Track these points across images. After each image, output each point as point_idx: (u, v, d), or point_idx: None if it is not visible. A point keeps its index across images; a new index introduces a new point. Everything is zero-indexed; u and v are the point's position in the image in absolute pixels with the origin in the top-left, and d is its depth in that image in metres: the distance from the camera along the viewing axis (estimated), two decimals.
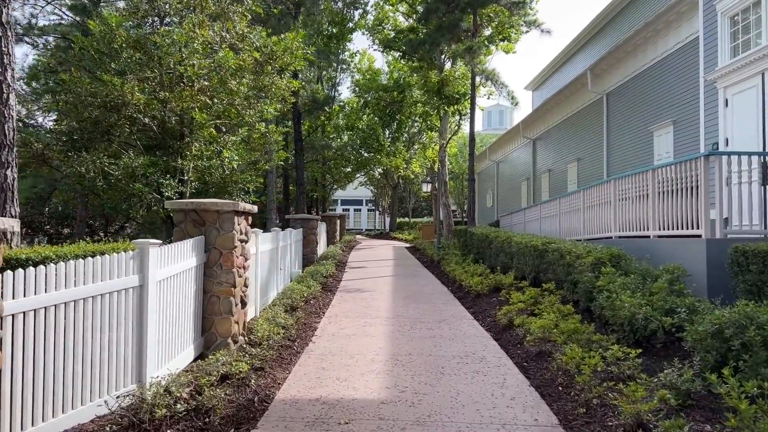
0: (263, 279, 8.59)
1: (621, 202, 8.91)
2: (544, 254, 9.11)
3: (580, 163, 19.51)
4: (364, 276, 13.67)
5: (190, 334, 5.33)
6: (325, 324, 7.83)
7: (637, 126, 15.38)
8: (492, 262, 12.55)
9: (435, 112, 19.52)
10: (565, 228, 11.73)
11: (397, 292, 10.92)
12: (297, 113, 17.40)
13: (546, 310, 6.94)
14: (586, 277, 7.16)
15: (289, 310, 8.29)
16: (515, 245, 10.51)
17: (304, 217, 13.90)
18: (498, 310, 8.49)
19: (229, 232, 5.67)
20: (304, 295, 9.30)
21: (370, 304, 9.57)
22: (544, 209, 13.41)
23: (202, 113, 7.19)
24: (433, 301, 9.87)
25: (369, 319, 8.22)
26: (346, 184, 32.42)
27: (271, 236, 9.26)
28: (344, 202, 61.49)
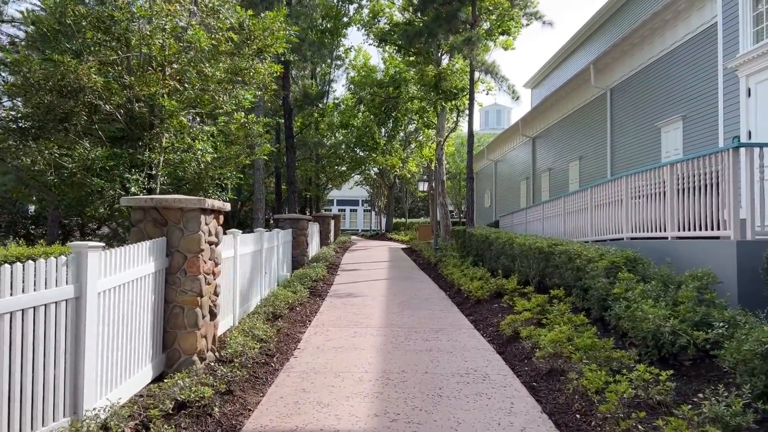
0: (244, 285, 7.84)
1: (634, 201, 8.20)
2: (550, 257, 8.40)
3: (581, 161, 18.83)
4: (356, 279, 12.93)
5: (147, 351, 4.58)
6: (310, 335, 7.08)
7: (643, 122, 14.70)
8: (492, 265, 11.83)
9: (432, 108, 18.79)
10: (570, 229, 11.02)
11: (392, 298, 10.19)
12: (288, 108, 16.66)
13: (556, 320, 6.22)
14: (600, 283, 6.44)
15: (271, 319, 7.54)
16: (518, 247, 9.80)
17: (294, 217, 13.16)
18: (501, 318, 7.78)
19: (195, 233, 4.92)
20: (290, 301, 8.56)
21: (362, 310, 8.83)
22: (548, 209, 12.70)
23: (171, 100, 6.44)
24: (430, 308, 9.14)
25: (359, 328, 7.48)
26: (341, 183, 31.66)
27: (253, 237, 8.51)
28: (340, 202, 60.73)
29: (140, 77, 6.16)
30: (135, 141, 6.80)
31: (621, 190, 8.59)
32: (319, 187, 28.52)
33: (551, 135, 21.94)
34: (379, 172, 37.66)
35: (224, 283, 6.75)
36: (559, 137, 21.08)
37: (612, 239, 8.95)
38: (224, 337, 6.18)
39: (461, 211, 43.67)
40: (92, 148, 6.06)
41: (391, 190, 39.56)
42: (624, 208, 8.46)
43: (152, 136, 6.72)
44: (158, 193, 6.77)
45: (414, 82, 18.56)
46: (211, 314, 5.26)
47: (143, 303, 4.51)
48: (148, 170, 6.69)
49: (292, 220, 13.18)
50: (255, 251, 8.63)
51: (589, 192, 9.89)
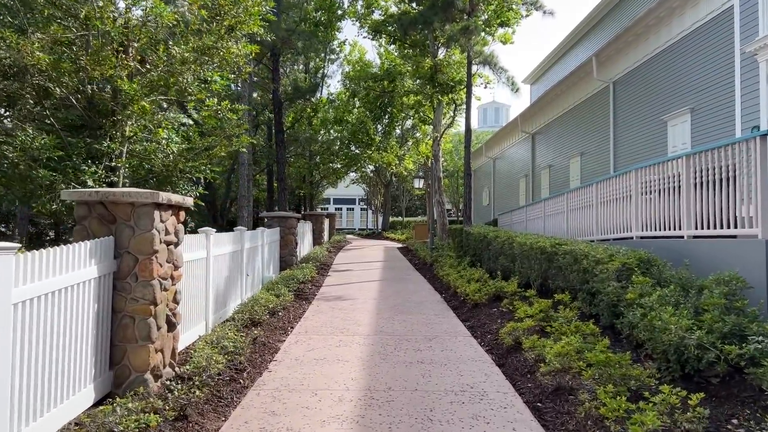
0: (219, 288, 7.18)
1: (644, 197, 7.56)
2: (553, 258, 7.76)
3: (583, 157, 18.19)
4: (348, 281, 12.27)
5: (88, 370, 3.92)
6: (290, 344, 6.42)
7: (649, 116, 14.06)
8: (491, 266, 11.18)
9: (428, 102, 18.11)
10: (573, 227, 10.37)
11: (383, 301, 9.53)
12: (277, 102, 15.97)
13: (562, 329, 5.57)
14: (610, 287, 5.80)
15: (249, 326, 6.88)
16: (518, 247, 9.15)
17: (281, 215, 12.49)
18: (500, 324, 7.13)
19: (148, 232, 4.26)
20: (271, 306, 7.89)
21: (350, 315, 8.18)
22: (549, 206, 12.05)
23: (132, 83, 5.77)
24: (424, 312, 8.49)
25: (345, 336, 6.83)
26: (335, 181, 30.96)
27: (231, 237, 7.85)
28: (336, 201, 60.07)
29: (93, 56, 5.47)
30: (96, 130, 6.13)
31: (630, 185, 7.95)
32: (313, 185, 27.80)
33: (551, 131, 21.30)
34: (376, 170, 36.99)
35: (194, 288, 6.09)
36: (559, 133, 20.44)
37: (620, 238, 8.31)
38: (192, 348, 5.52)
39: (459, 210, 43.04)
40: (36, 136, 5.37)
41: (387, 188, 38.89)
42: (633, 205, 7.81)
43: (112, 123, 6.05)
44: (121, 187, 6.09)
45: (409, 75, 17.86)
46: (169, 325, 4.59)
47: (82, 314, 3.85)
48: (108, 162, 6.01)
49: (280, 219, 12.51)
50: (233, 252, 7.97)
51: (595, 188, 9.24)
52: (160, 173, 6.53)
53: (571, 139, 19.29)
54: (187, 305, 5.81)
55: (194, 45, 5.94)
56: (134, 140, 6.34)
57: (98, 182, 5.98)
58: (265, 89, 18.67)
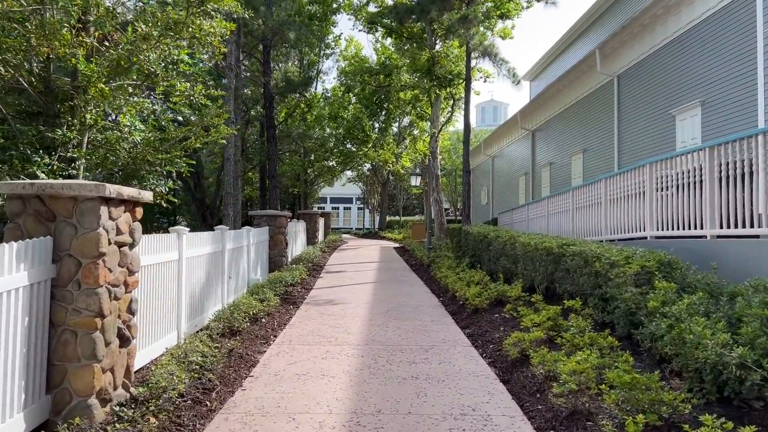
0: (195, 294, 6.54)
1: (660, 193, 6.93)
2: (560, 259, 7.14)
3: (585, 154, 17.58)
4: (340, 283, 11.64)
5: (16, 396, 3.28)
6: (270, 356, 5.78)
7: (655, 110, 13.46)
8: (491, 267, 10.57)
9: (425, 96, 17.47)
10: (580, 226, 9.76)
11: (377, 305, 8.90)
12: (269, 96, 15.32)
13: (575, 340, 4.94)
14: (629, 293, 5.18)
15: (226, 335, 6.24)
16: (521, 247, 8.53)
17: (270, 214, 11.84)
18: (503, 332, 6.51)
19: (93, 231, 3.62)
20: (254, 312, 7.25)
21: (340, 322, 7.54)
22: (552, 204, 11.43)
23: (90, 63, 5.13)
24: (420, 317, 7.86)
25: (333, 346, 6.19)
26: (331, 179, 30.32)
27: (210, 236, 7.20)
28: (333, 200, 59.43)
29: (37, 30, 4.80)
30: (53, 117, 5.48)
31: (643, 181, 7.33)
32: (307, 184, 27.12)
33: (552, 127, 20.69)
34: (372, 168, 36.35)
35: (162, 294, 5.45)
36: (561, 129, 19.83)
37: (631, 238, 7.69)
38: (157, 363, 4.88)
39: (457, 209, 42.45)
40: None
41: (384, 187, 38.24)
42: (647, 202, 7.19)
43: (69, 109, 5.40)
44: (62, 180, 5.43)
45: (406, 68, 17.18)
46: (122, 339, 3.95)
47: (7, 329, 3.20)
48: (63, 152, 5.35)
49: (269, 218, 11.86)
50: (213, 253, 7.32)
51: (603, 184, 8.62)
52: (127, 165, 5.88)
53: (573, 135, 18.68)
54: (152, 314, 5.17)
55: (159, 20, 5.29)
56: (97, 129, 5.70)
57: (52, 175, 5.35)
58: (256, 83, 18.01)
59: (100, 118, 5.51)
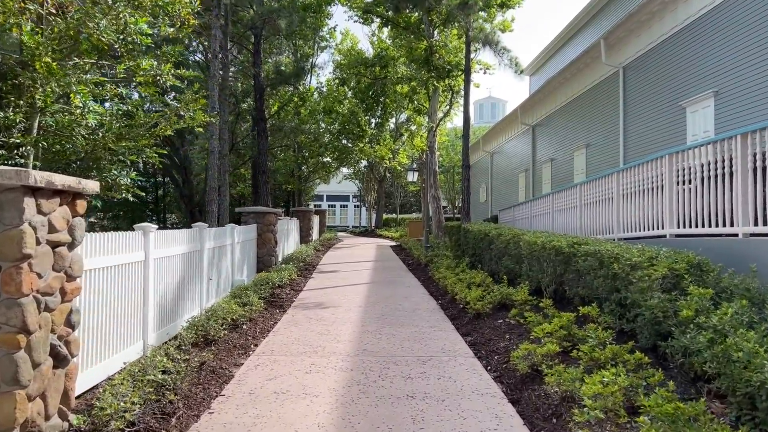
0: (166, 298, 5.87)
1: (682, 187, 6.29)
2: (570, 260, 6.50)
3: (589, 149, 16.95)
4: (332, 284, 10.98)
5: None
6: (248, 370, 5.12)
7: (664, 102, 12.83)
8: (493, 268, 9.92)
9: (423, 89, 16.80)
10: (588, 224, 9.12)
11: (371, 309, 8.25)
12: (259, 88, 14.63)
13: (595, 355, 4.29)
14: (655, 299, 4.53)
15: (200, 345, 5.58)
16: (526, 246, 7.88)
17: (259, 211, 11.16)
18: (509, 341, 5.87)
19: (14, 228, 2.95)
20: (234, 317, 6.59)
21: (330, 328, 6.88)
22: (558, 200, 10.79)
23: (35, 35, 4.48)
24: (417, 323, 7.21)
25: (320, 357, 5.53)
26: (326, 176, 29.60)
27: (185, 235, 6.53)
28: (330, 197, 58.72)
29: None
30: None
31: (661, 174, 6.69)
32: (301, 180, 26.39)
33: (554, 122, 20.05)
34: (369, 165, 35.66)
35: (122, 301, 4.79)
36: (562, 124, 19.19)
37: (648, 237, 7.05)
38: (111, 382, 4.21)
39: (455, 207, 41.79)
40: None
41: (381, 184, 37.55)
42: (667, 197, 6.55)
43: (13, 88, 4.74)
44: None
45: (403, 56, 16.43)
46: (58, 359, 3.28)
47: None
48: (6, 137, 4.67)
49: (257, 214, 11.19)
50: (189, 253, 6.65)
51: (615, 178, 7.98)
52: (87, 155, 5.21)
53: (575, 130, 18.05)
54: (108, 325, 4.50)
55: None
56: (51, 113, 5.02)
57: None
58: (247, 75, 17.33)
59: (49, 98, 4.82)
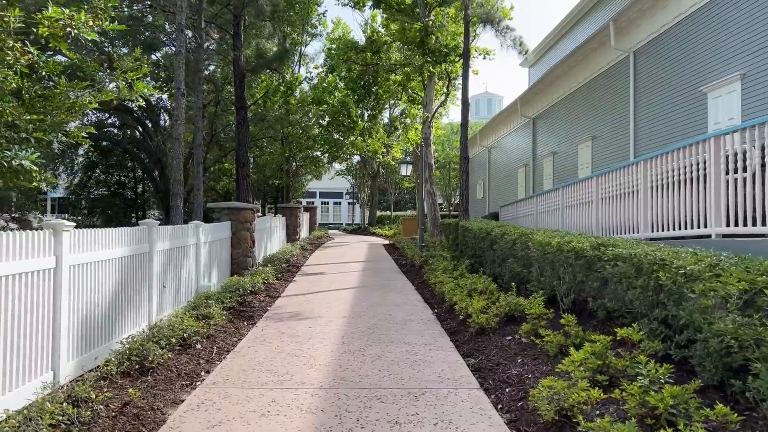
0: (92, 315, 4.68)
1: (732, 176, 5.15)
2: (595, 265, 5.36)
3: (595, 141, 15.84)
4: (315, 289, 9.80)
5: None
6: (186, 411, 3.93)
7: (681, 89, 11.72)
8: (495, 271, 8.78)
9: (417, 75, 15.60)
10: (607, 221, 7.98)
11: (356, 320, 7.08)
12: (239, 73, 13.39)
13: (649, 398, 3.13)
14: (728, 323, 3.38)
15: (133, 375, 4.39)
16: (537, 248, 6.73)
17: (233, 206, 9.97)
18: (522, 366, 4.74)
19: None
20: (185, 334, 5.40)
21: (303, 347, 5.71)
22: (569, 195, 9.64)
23: None
24: (409, 339, 6.05)
25: (284, 390, 4.36)
26: (316, 170, 28.34)
27: (127, 234, 5.34)
28: (323, 194, 57.48)
29: None
30: None
31: (704, 160, 5.54)
32: (290, 175, 25.11)
33: (556, 113, 18.93)
34: (362, 160, 34.43)
35: (25, 321, 3.60)
36: (566, 115, 18.07)
37: (685, 237, 5.91)
38: None
39: (450, 204, 40.67)
40: None
41: (374, 180, 36.33)
42: (712, 189, 5.41)
43: None
44: None
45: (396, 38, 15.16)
46: None
47: None
48: None
49: (232, 210, 9.98)
50: (131, 256, 5.45)
51: (642, 168, 6.83)
52: None
53: (580, 122, 16.93)
54: None
55: None
56: None
57: None
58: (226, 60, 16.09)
59: None
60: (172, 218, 9.69)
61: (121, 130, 19.88)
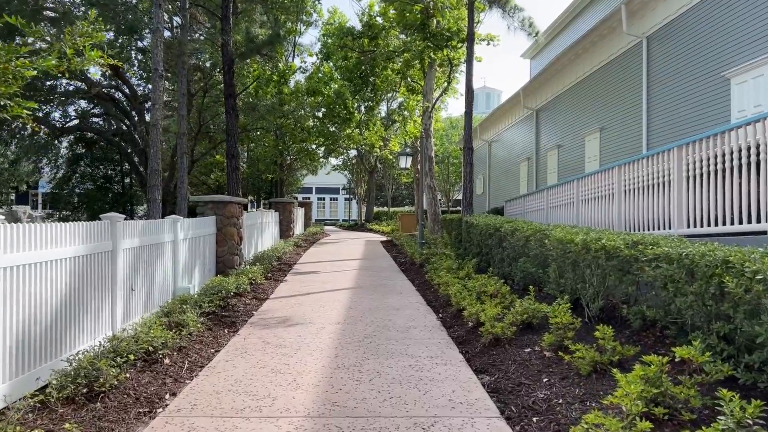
0: (35, 327, 3.87)
1: None
2: (630, 266, 4.60)
3: (603, 133, 15.07)
4: (308, 289, 9.00)
5: None
6: None
7: (700, 74, 10.94)
8: (505, 271, 8.01)
9: (417, 62, 14.78)
10: (631, 215, 7.20)
11: (351, 327, 6.29)
12: (228, 59, 12.53)
13: None
14: None
15: (79, 400, 3.59)
16: (556, 246, 5.95)
17: (218, 200, 9.15)
18: (549, 387, 3.99)
19: None
20: (151, 347, 4.60)
21: (290, 361, 4.92)
22: (585, 188, 8.86)
23: None
24: (413, 351, 5.27)
25: (262, 422, 3.57)
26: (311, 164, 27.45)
27: (81, 230, 4.53)
28: (319, 190, 56.69)
29: None
30: None
31: (757, 143, 4.76)
32: (284, 169, 24.22)
33: (561, 104, 18.14)
34: (359, 154, 33.57)
35: None
36: (572, 106, 17.28)
37: (733, 233, 5.14)
38: None
39: (449, 200, 39.86)
40: None
41: (371, 175, 35.48)
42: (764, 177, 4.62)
43: None
44: None
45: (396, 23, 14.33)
46: None
47: None
48: None
49: (216, 204, 9.16)
50: (87, 256, 4.65)
51: (675, 155, 6.05)
52: None
53: (586, 112, 16.15)
54: None
55: None
56: None
57: None
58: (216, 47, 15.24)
59: None
60: (150, 212, 8.88)
61: (106, 121, 19.01)
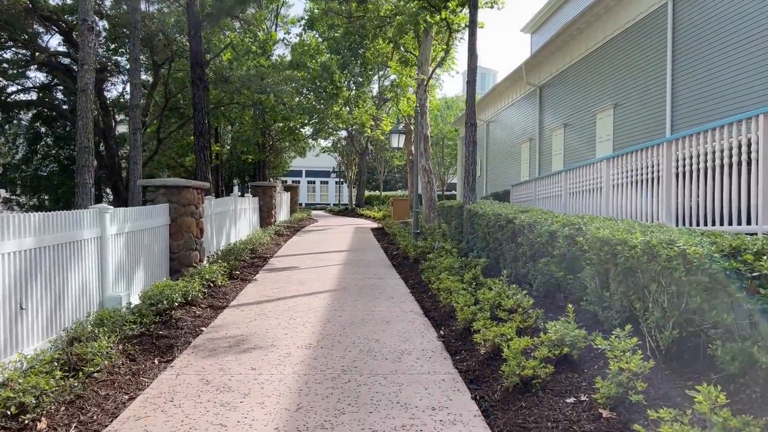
0: None
1: None
2: (728, 285, 3.10)
3: (617, 110, 13.55)
4: (280, 293, 7.48)
5: None
6: None
7: (745, 38, 9.39)
8: (518, 271, 6.52)
9: (412, 28, 13.13)
10: (681, 206, 5.69)
11: (325, 354, 4.79)
12: (194, 22, 10.77)
13: None
14: None
15: None
16: (595, 245, 4.44)
17: (171, 184, 7.54)
18: None
19: None
20: (20, 402, 3.07)
21: (229, 418, 3.41)
22: (616, 170, 7.33)
23: None
24: (406, 398, 3.78)
25: None
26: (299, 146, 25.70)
27: None
28: (309, 173, 54.87)
29: None
30: None
31: None
32: (266, 150, 22.45)
33: (569, 79, 16.56)
34: (349, 135, 31.81)
35: None
36: (581, 81, 15.71)
37: None
38: None
39: (444, 184, 38.30)
40: None
41: (362, 157, 33.76)
42: None
43: None
44: None
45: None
46: None
47: None
48: None
49: (169, 190, 7.55)
50: None
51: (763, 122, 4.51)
52: None
53: (598, 87, 14.60)
54: None
55: None
56: None
57: None
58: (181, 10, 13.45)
59: None
60: (78, 199, 7.29)
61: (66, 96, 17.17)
